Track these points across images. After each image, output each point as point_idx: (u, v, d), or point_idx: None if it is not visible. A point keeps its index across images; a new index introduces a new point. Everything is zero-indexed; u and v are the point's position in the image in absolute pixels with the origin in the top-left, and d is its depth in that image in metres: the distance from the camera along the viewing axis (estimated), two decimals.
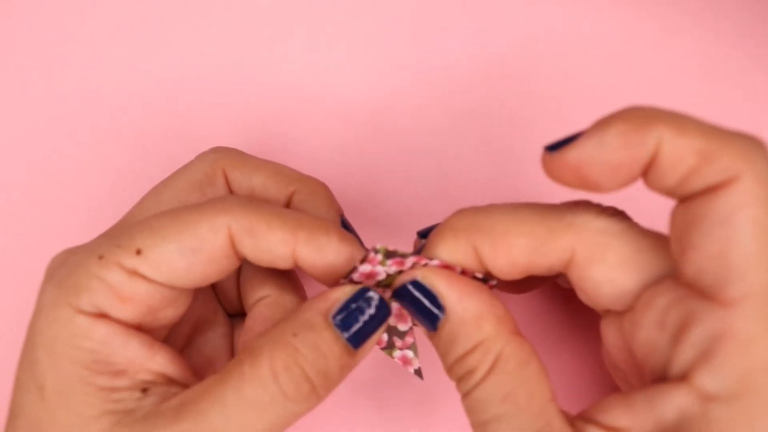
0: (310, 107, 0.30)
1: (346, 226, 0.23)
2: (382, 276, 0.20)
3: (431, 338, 0.19)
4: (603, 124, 0.17)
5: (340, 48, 0.31)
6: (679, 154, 0.16)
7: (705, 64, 0.30)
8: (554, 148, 0.17)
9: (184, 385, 0.20)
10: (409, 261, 0.19)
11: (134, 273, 0.19)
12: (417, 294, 0.19)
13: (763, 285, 0.15)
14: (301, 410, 0.19)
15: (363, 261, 0.20)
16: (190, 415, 0.18)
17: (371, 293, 0.19)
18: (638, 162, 0.16)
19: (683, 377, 0.16)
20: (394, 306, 0.21)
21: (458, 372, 0.18)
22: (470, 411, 0.18)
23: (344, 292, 0.19)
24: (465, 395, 0.18)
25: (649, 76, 0.30)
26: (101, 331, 0.19)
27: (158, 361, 0.20)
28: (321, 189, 0.23)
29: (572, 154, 0.17)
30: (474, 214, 0.19)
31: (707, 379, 0.16)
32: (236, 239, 0.19)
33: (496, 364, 0.18)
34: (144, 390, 0.19)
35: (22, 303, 0.25)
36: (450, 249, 0.19)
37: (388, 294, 0.21)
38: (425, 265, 0.19)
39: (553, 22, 0.31)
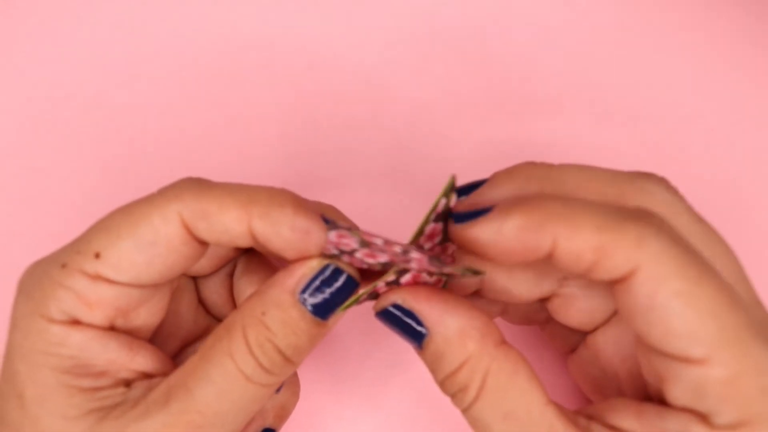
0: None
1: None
2: (355, 246, 0.19)
3: (419, 354, 0.20)
4: (504, 212, 0.17)
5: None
6: (575, 252, 0.17)
7: (705, 64, 0.30)
8: (460, 218, 0.18)
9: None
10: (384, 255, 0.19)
11: (97, 277, 0.19)
12: (400, 315, 0.19)
13: (720, 338, 0.16)
14: (280, 379, 0.20)
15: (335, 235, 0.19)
16: (180, 395, 0.18)
17: (339, 267, 0.19)
18: (534, 254, 0.17)
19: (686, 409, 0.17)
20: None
21: (450, 389, 0.19)
22: (474, 427, 0.19)
23: (310, 267, 0.19)
24: (464, 411, 0.19)
25: (649, 75, 0.30)
26: (77, 337, 0.19)
27: (139, 362, 0.20)
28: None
29: (472, 233, 0.18)
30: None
31: (712, 416, 0.17)
32: (190, 224, 0.19)
33: (487, 380, 0.18)
34: (128, 384, 0.20)
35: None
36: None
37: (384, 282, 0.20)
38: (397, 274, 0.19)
39: (554, 21, 0.31)
